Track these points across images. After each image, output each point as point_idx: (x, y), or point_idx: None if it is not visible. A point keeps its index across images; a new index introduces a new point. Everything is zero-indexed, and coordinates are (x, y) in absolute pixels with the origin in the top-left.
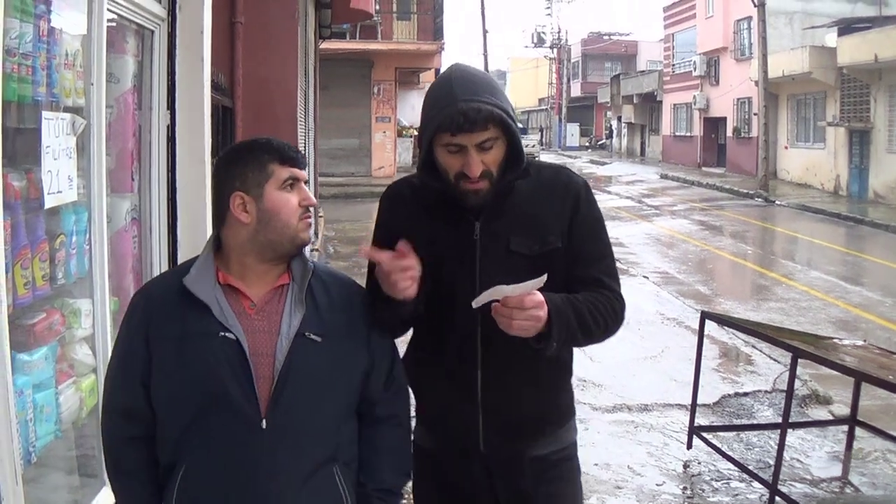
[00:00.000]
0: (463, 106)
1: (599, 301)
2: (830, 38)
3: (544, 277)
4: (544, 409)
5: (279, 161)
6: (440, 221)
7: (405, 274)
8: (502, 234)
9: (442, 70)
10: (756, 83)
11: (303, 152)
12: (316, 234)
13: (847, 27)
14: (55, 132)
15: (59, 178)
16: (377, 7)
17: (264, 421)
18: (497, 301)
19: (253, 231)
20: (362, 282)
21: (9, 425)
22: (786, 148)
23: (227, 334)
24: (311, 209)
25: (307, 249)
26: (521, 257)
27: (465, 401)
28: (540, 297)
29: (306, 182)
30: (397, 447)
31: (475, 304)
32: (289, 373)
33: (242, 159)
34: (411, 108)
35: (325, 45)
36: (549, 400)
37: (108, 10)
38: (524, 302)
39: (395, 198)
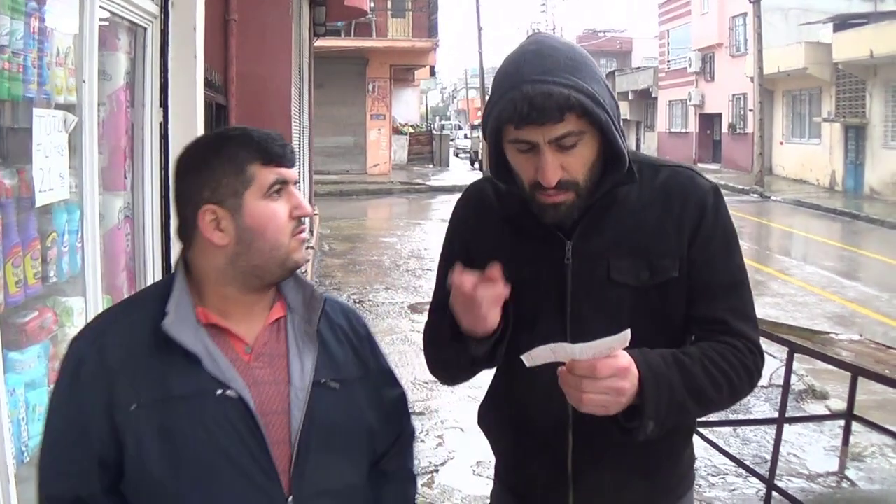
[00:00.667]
0: (529, 89)
1: (722, 355)
2: (826, 34)
3: (627, 334)
4: (656, 490)
5: (261, 160)
6: (524, 237)
7: (495, 305)
8: (601, 259)
9: (437, 67)
10: (751, 79)
11: (295, 147)
12: (311, 231)
13: (842, 23)
14: (46, 129)
15: (50, 175)
16: (372, 4)
17: (290, 498)
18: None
19: (231, 255)
20: (355, 280)
21: (0, 424)
22: (781, 144)
23: (226, 391)
24: (306, 220)
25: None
26: (624, 289)
27: (553, 468)
28: (623, 360)
29: (296, 184)
30: (404, 502)
31: (528, 361)
32: (311, 433)
33: (211, 160)
34: (406, 106)
35: (319, 42)
36: (663, 478)
37: (101, 7)
38: (597, 369)
39: (475, 203)
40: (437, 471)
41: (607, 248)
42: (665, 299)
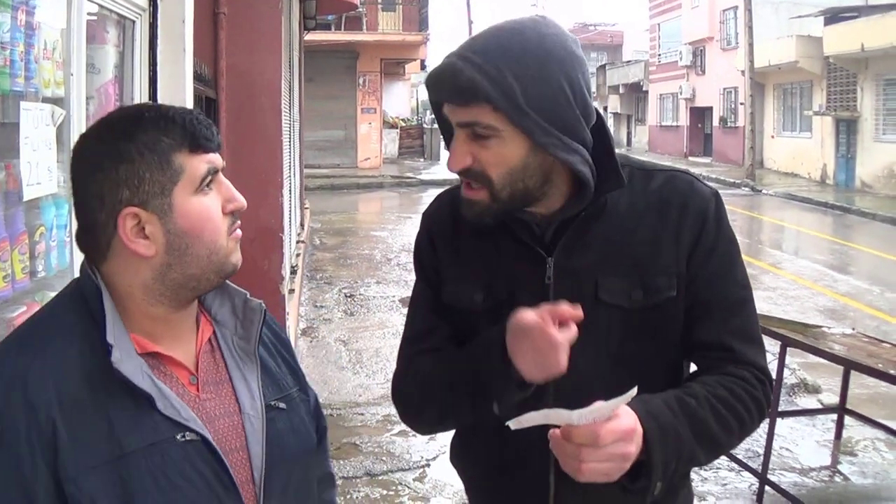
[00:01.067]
0: (448, 61)
1: (731, 391)
2: (817, 28)
3: (633, 392)
4: None
5: (188, 146)
6: (500, 254)
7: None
8: (587, 277)
9: (427, 61)
10: (742, 73)
11: (286, 141)
12: (302, 225)
13: (833, 16)
14: (34, 123)
15: (38, 169)
16: None
17: None
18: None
19: (160, 266)
20: (346, 274)
21: None
22: (772, 137)
23: (186, 435)
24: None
25: None
26: (615, 311)
27: None
28: (627, 421)
29: (223, 170)
30: None
31: (514, 425)
32: (273, 467)
33: (127, 151)
34: (397, 100)
35: (309, 36)
36: None
37: None
38: (600, 436)
39: (435, 228)
40: (428, 465)
41: (594, 265)
42: (661, 321)
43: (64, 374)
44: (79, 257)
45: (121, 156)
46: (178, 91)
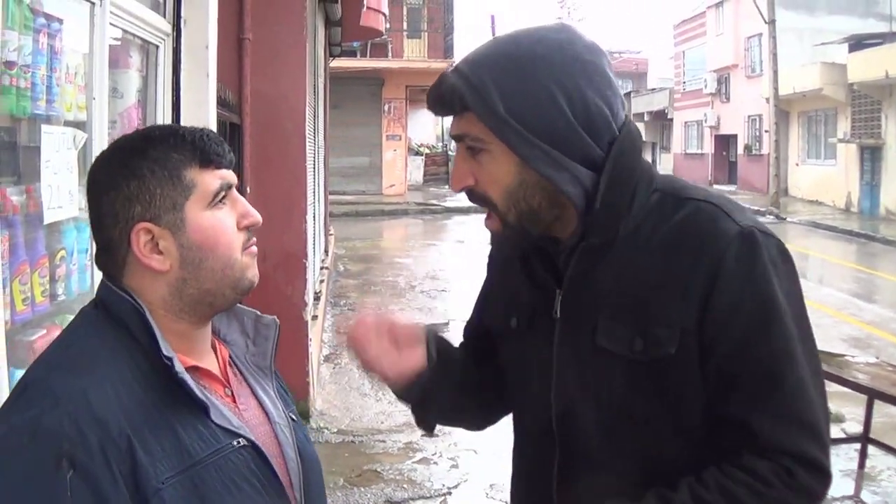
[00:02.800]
0: (443, 74)
1: (735, 497)
2: (841, 55)
3: None
4: None
5: (199, 162)
6: (526, 279)
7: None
8: (588, 317)
9: None
10: (767, 100)
11: (309, 168)
12: (326, 251)
13: (857, 43)
14: (55, 146)
15: (59, 192)
16: (387, 25)
17: None
18: None
19: (176, 282)
20: (370, 301)
21: None
22: (797, 165)
23: (240, 441)
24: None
25: None
26: (616, 360)
27: None
28: None
29: (240, 189)
30: None
31: None
32: (306, 473)
33: (138, 167)
34: (422, 127)
35: (335, 63)
36: None
37: (112, 24)
38: None
39: (493, 241)
40: (450, 493)
41: (598, 303)
42: (669, 380)
43: (124, 388)
44: (100, 281)
45: (132, 173)
46: (202, 116)
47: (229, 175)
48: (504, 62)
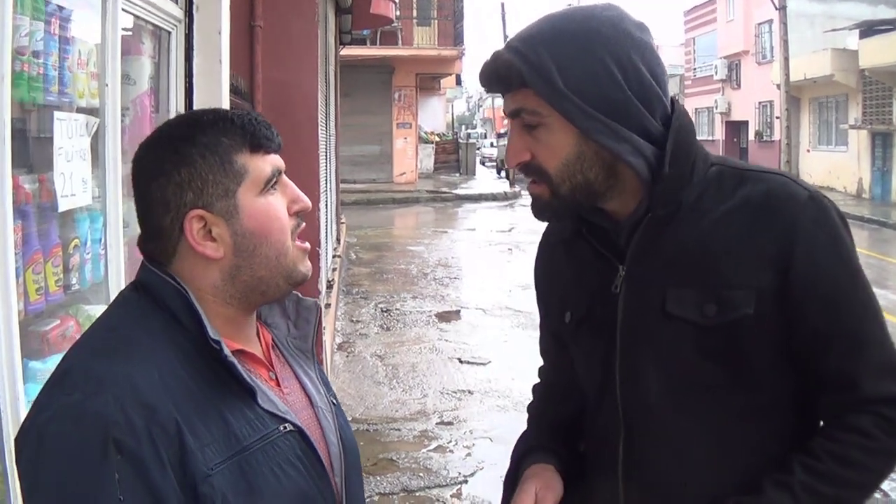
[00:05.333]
0: (497, 52)
1: (837, 459)
2: (852, 41)
3: None
4: None
5: (249, 147)
6: (577, 263)
7: None
8: (656, 287)
9: (463, 76)
10: (778, 86)
11: (321, 156)
12: (338, 240)
13: (868, 29)
14: (68, 133)
15: (72, 180)
16: (397, 13)
17: None
18: None
19: (230, 269)
20: (382, 289)
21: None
22: (808, 151)
23: (286, 426)
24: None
25: None
26: (685, 326)
27: None
28: None
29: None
30: None
31: None
32: (347, 459)
33: (188, 153)
34: (432, 114)
35: (345, 51)
36: None
37: (123, 10)
38: None
39: (546, 231)
40: (466, 482)
41: (664, 273)
42: (740, 344)
43: (169, 373)
44: (114, 270)
45: (182, 159)
46: (215, 103)
47: (279, 160)
48: (560, 37)
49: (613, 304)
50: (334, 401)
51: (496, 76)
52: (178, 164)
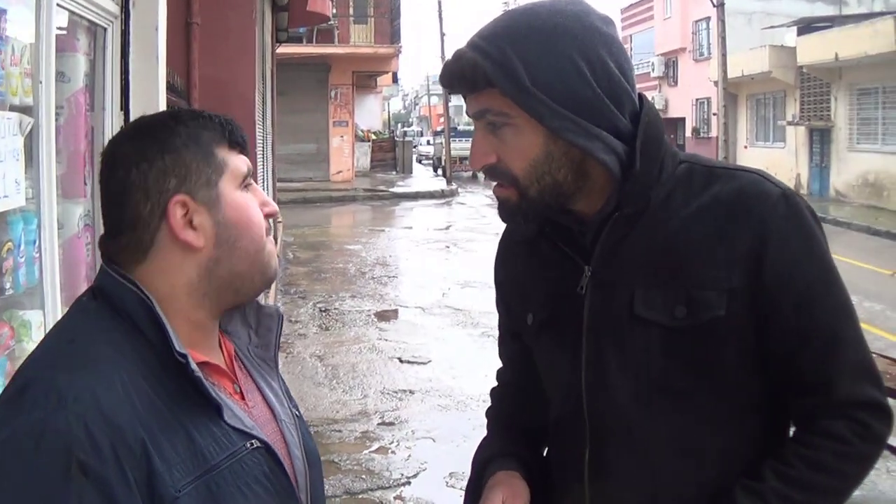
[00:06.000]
0: (459, 51)
1: (809, 463)
2: (790, 38)
3: None
4: None
5: (227, 142)
6: (540, 264)
7: None
8: (623, 288)
9: (399, 74)
10: (715, 83)
11: (258, 155)
12: (275, 238)
13: (806, 26)
14: (1, 133)
15: (5, 182)
16: (334, 10)
17: None
18: None
19: (208, 262)
20: (321, 289)
21: None
22: (746, 148)
23: (253, 442)
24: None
25: None
26: (653, 329)
27: None
28: None
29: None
30: None
31: None
32: (312, 475)
33: (171, 141)
34: (369, 113)
35: (281, 49)
36: None
37: (59, 5)
38: None
39: (501, 242)
40: (408, 483)
41: (633, 273)
42: (711, 347)
43: (133, 387)
44: (49, 273)
45: (165, 147)
46: (152, 100)
47: (249, 162)
48: (524, 34)
49: (579, 305)
50: (297, 412)
51: (460, 76)
52: (161, 151)
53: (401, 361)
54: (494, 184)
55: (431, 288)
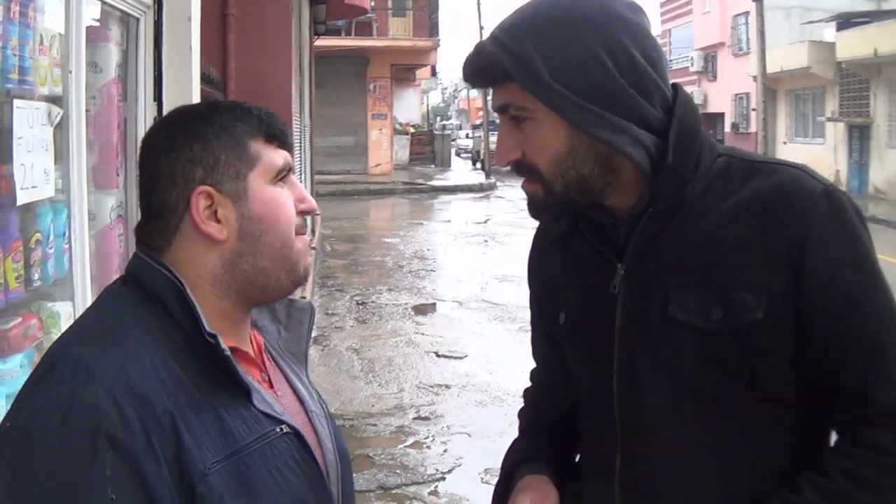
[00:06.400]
0: (480, 44)
1: (850, 477)
2: (829, 33)
3: None
4: None
5: (264, 136)
6: (573, 262)
7: None
8: (657, 288)
9: (438, 67)
10: (754, 78)
11: (296, 146)
12: (313, 231)
13: (845, 21)
14: (29, 122)
15: (33, 172)
16: (372, 3)
17: None
18: None
19: (231, 255)
20: (358, 281)
21: None
22: (785, 143)
23: (283, 427)
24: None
25: None
26: (690, 332)
27: None
28: None
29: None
30: None
31: None
32: (343, 466)
33: (203, 131)
34: (407, 106)
35: (320, 42)
36: None
37: None
38: None
39: (535, 240)
40: (443, 478)
41: (667, 272)
42: (749, 351)
43: (162, 364)
44: (79, 265)
45: (195, 136)
46: (185, 91)
47: (290, 157)
48: (543, 25)
49: (612, 305)
50: (326, 410)
51: (479, 70)
52: (191, 139)
53: (437, 356)
54: (523, 179)
55: (469, 282)
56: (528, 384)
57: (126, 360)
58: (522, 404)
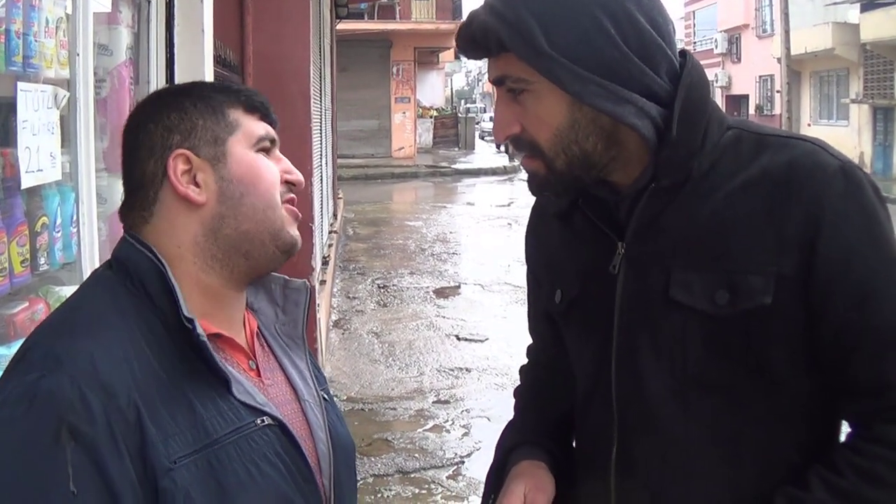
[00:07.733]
0: (472, 12)
1: (861, 474)
2: (853, 14)
3: None
4: None
5: (244, 106)
6: (573, 239)
7: None
8: (659, 268)
9: None
10: (778, 60)
11: (316, 130)
12: (335, 215)
13: (870, 3)
14: (34, 105)
15: (39, 155)
16: None
17: None
18: None
19: (212, 218)
20: (379, 265)
21: None
22: (809, 125)
23: (264, 419)
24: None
25: None
26: (694, 317)
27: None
28: None
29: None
30: None
31: None
32: (337, 458)
33: (181, 102)
34: (431, 89)
35: (342, 25)
36: None
37: None
38: None
39: (532, 215)
40: (462, 462)
41: (670, 252)
42: (753, 337)
43: (134, 354)
44: (87, 249)
45: (173, 106)
46: (198, 74)
47: (272, 131)
48: (556, 6)
49: (611, 286)
50: (325, 395)
51: (473, 41)
52: (168, 109)
53: (458, 339)
54: (523, 155)
55: (492, 265)
56: (525, 361)
57: (96, 349)
58: (519, 382)
